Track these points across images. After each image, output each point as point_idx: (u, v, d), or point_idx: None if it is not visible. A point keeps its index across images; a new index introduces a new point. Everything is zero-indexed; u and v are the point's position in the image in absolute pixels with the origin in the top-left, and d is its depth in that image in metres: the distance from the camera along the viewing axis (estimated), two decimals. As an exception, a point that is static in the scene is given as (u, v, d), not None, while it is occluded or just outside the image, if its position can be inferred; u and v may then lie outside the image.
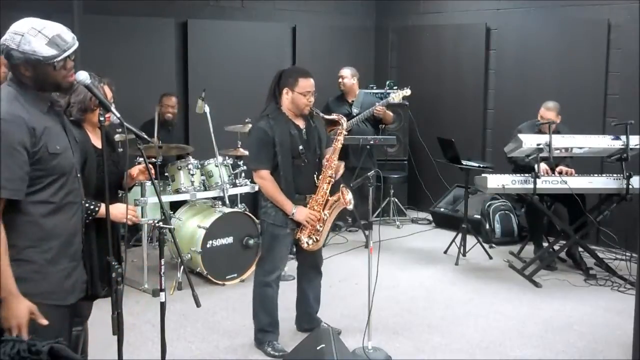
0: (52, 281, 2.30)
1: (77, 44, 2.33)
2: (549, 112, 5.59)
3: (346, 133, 4.26)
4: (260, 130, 3.89)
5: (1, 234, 2.17)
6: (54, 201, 2.31)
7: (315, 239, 4.00)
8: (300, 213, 3.91)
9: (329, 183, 3.99)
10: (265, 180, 3.90)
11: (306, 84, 3.90)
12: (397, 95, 6.48)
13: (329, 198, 4.00)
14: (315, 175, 4.01)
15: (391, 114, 6.66)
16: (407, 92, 6.46)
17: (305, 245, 3.99)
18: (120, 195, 3.23)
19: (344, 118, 4.21)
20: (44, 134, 2.26)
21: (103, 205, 2.82)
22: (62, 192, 2.33)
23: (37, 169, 2.24)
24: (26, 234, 2.25)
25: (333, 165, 3.99)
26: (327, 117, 4.27)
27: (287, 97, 3.92)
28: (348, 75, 6.62)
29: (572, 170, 5.42)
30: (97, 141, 3.00)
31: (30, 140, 2.21)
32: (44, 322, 2.25)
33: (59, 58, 2.26)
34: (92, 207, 2.88)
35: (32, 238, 2.26)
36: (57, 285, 2.32)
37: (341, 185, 4.00)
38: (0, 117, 2.18)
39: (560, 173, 5.35)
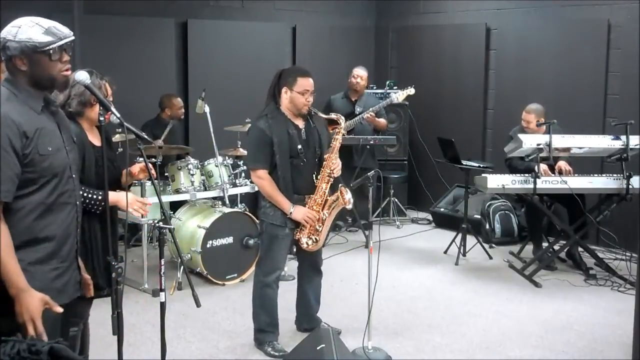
0: (42, 280, 2.29)
1: (73, 37, 2.34)
2: (528, 115, 5.69)
3: (345, 133, 4.26)
4: (258, 130, 3.90)
5: (3, 232, 2.17)
6: (46, 202, 2.30)
7: (314, 239, 4.00)
8: (298, 212, 3.92)
9: (327, 182, 3.99)
10: (262, 180, 3.91)
11: (305, 83, 3.91)
12: (400, 95, 6.47)
13: (328, 198, 4.00)
14: (314, 175, 4.02)
15: (384, 121, 6.63)
16: (411, 91, 6.43)
17: (305, 245, 4.00)
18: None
19: (342, 117, 4.20)
20: (35, 136, 2.24)
21: (112, 193, 2.83)
22: (55, 193, 2.32)
23: (28, 171, 2.23)
24: (17, 234, 2.23)
25: (331, 164, 3.99)
26: (325, 116, 4.26)
27: (285, 97, 3.93)
28: (365, 78, 6.63)
29: (571, 169, 5.42)
30: (93, 139, 3.01)
31: (21, 142, 2.20)
32: (59, 309, 2.29)
33: (55, 45, 2.26)
34: (100, 197, 2.84)
35: (23, 239, 2.25)
36: (46, 284, 2.30)
37: (340, 185, 4.00)
38: None
39: (560, 172, 5.35)
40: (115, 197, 2.88)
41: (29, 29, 2.24)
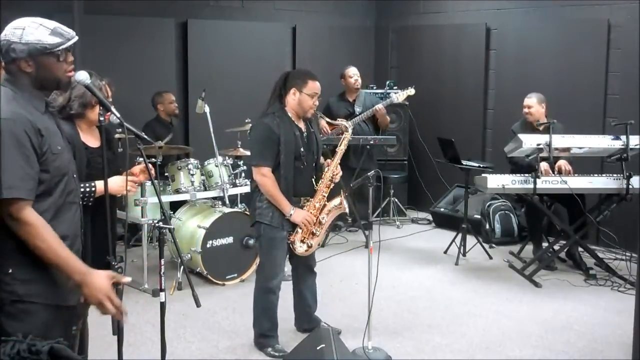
0: (55, 281, 2.28)
1: (77, 38, 2.34)
2: (529, 99, 5.71)
3: (350, 138, 4.27)
4: (266, 127, 3.85)
5: (45, 226, 2.16)
6: (57, 203, 2.29)
7: (308, 244, 3.98)
8: (297, 215, 3.89)
9: (328, 187, 3.99)
10: (266, 178, 3.85)
11: (314, 86, 3.91)
12: (400, 95, 6.47)
13: (327, 202, 4.00)
14: (313, 179, 4.01)
15: (388, 118, 6.64)
16: (412, 91, 6.44)
17: (298, 250, 3.97)
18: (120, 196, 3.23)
19: (349, 124, 4.21)
20: (47, 134, 2.23)
21: (98, 183, 2.85)
22: (65, 193, 2.31)
23: (43, 170, 2.21)
24: None
25: (334, 169, 3.99)
26: (332, 122, 4.28)
27: (293, 98, 3.91)
28: (359, 75, 6.63)
29: (571, 169, 5.42)
30: (87, 138, 3.01)
31: (38, 140, 2.18)
32: (127, 279, 2.39)
33: (65, 46, 2.25)
34: (87, 189, 2.87)
35: None
36: (59, 285, 2.30)
37: (342, 190, 4.00)
38: (3, 117, 2.13)
39: (559, 172, 5.34)
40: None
41: (35, 31, 2.22)
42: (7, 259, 2.18)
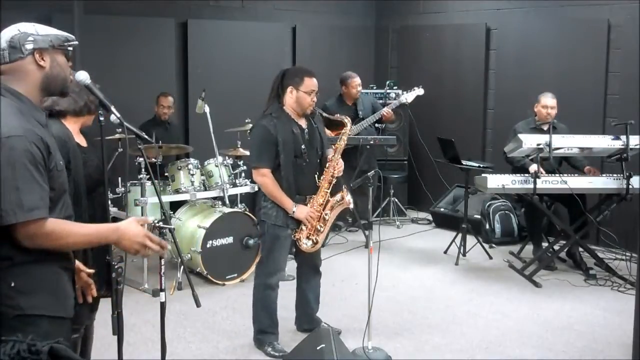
0: (57, 293, 2.24)
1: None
2: (553, 100, 5.68)
3: (350, 133, 4.26)
4: (263, 129, 3.87)
5: (61, 222, 2.14)
6: (59, 219, 2.23)
7: (314, 240, 3.99)
8: (300, 211, 3.91)
9: (330, 183, 3.99)
10: (265, 178, 3.88)
11: (311, 83, 3.91)
12: (410, 96, 6.43)
13: (330, 198, 4.00)
14: (316, 176, 4.01)
15: (393, 115, 6.65)
16: (420, 91, 6.41)
17: (304, 246, 3.99)
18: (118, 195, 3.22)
19: (349, 119, 4.21)
20: (53, 151, 2.15)
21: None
22: (64, 208, 2.25)
23: (50, 188, 2.13)
24: (34, 251, 2.16)
25: (336, 165, 3.99)
26: (331, 117, 4.26)
27: (291, 96, 3.92)
28: (361, 84, 6.62)
29: (597, 169, 5.46)
30: (79, 138, 2.99)
31: (47, 156, 2.11)
32: (151, 219, 2.47)
33: (76, 42, 2.24)
34: None
35: (39, 252, 2.18)
36: (60, 296, 2.25)
37: (344, 186, 4.00)
38: (14, 134, 2.03)
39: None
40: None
41: (46, 28, 2.20)
42: (8, 272, 2.12)
